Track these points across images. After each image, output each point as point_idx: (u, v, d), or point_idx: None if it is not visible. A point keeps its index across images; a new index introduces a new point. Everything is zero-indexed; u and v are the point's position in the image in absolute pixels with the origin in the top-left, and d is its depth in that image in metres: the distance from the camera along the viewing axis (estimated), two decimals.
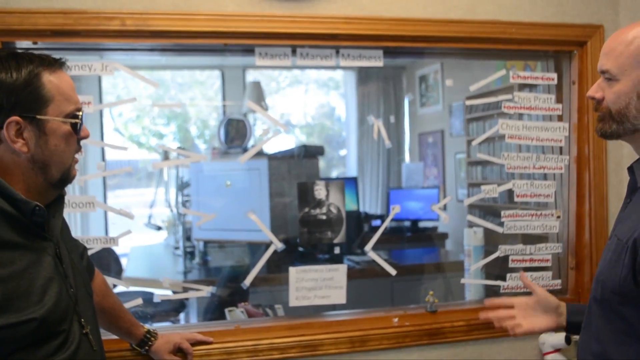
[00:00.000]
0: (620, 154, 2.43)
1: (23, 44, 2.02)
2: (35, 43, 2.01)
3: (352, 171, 7.06)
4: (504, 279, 2.44)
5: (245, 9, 2.10)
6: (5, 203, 1.28)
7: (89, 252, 2.09)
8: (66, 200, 1.99)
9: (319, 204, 2.36)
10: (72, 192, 1.50)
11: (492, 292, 2.55)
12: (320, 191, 2.37)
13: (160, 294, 2.37)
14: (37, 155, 1.36)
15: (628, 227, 1.44)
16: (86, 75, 2.08)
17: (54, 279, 1.36)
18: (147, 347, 1.97)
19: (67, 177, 1.44)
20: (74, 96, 1.42)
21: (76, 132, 1.41)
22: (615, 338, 1.46)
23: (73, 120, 1.40)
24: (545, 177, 2.50)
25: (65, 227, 1.57)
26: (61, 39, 2.01)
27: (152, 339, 1.98)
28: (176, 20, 2.04)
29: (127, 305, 2.15)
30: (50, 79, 1.36)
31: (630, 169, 1.55)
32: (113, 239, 2.13)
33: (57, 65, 1.40)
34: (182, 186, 4.24)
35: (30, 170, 1.37)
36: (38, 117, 1.34)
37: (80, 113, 1.42)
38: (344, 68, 6.67)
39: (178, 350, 2.04)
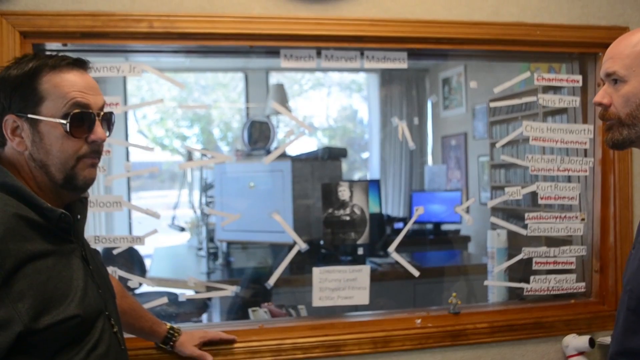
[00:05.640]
0: None
1: (53, 45, 2.06)
2: (65, 45, 2.04)
3: (374, 174, 7.04)
4: (527, 281, 2.43)
5: (270, 11, 2.12)
6: (33, 213, 1.29)
7: (115, 252, 2.13)
8: (93, 200, 2.03)
9: (343, 205, 2.37)
10: (97, 192, 1.52)
11: (515, 294, 2.55)
12: (344, 192, 2.38)
13: (185, 293, 2.39)
14: (35, 154, 1.35)
15: None
16: (113, 77, 2.11)
17: (86, 279, 1.38)
18: (171, 344, 1.98)
19: (72, 179, 1.37)
20: (72, 95, 1.34)
21: (71, 134, 1.34)
22: None
23: (63, 121, 1.33)
24: (569, 179, 2.49)
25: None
26: (90, 41, 2.04)
27: (176, 334, 1.99)
28: (203, 22, 2.06)
29: (152, 304, 2.18)
30: (49, 78, 1.33)
31: None
32: (139, 238, 2.15)
33: (63, 63, 1.36)
34: (205, 187, 4.27)
35: (35, 169, 1.36)
36: (29, 116, 1.33)
37: (78, 111, 1.34)
38: (367, 70, 6.67)
39: (202, 345, 2.06)
